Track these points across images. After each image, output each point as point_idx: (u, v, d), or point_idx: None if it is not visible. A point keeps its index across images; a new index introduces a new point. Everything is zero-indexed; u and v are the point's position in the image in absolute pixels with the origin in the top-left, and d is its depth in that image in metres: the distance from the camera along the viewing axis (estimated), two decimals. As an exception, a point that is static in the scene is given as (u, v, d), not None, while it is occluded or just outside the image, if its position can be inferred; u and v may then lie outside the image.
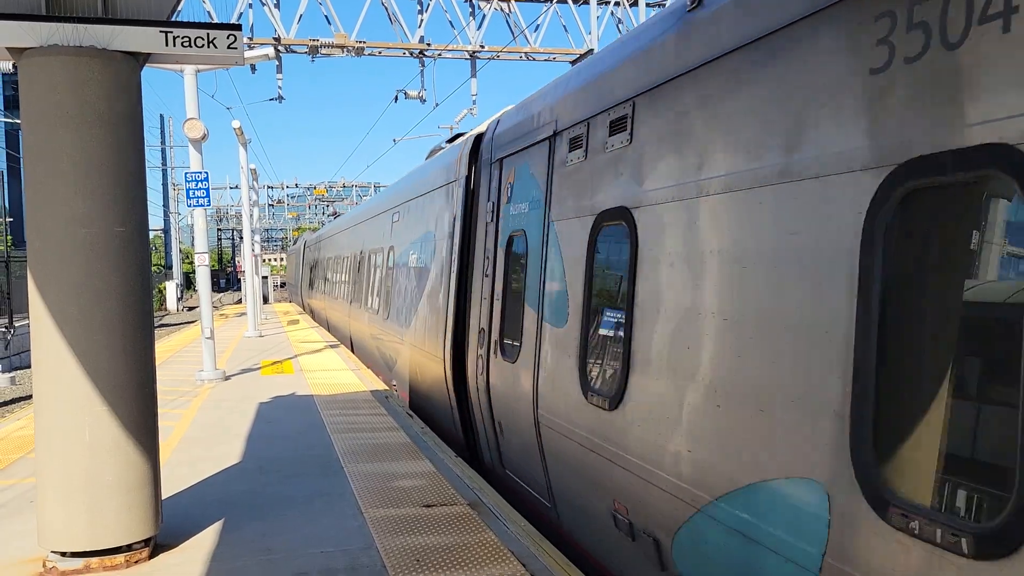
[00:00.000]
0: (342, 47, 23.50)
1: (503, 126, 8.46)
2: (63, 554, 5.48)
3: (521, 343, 7.33)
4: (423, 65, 25.10)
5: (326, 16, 23.67)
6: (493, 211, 8.65)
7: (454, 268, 9.81)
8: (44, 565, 5.52)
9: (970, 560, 2.74)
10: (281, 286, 74.89)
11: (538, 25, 25.49)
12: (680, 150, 4.71)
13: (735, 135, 4.16)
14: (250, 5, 23.26)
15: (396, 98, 25.96)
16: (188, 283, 72.02)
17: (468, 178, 9.68)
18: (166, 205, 76.66)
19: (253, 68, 22.25)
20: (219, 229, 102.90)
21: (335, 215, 61.01)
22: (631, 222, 5.27)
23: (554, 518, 6.92)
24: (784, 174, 3.75)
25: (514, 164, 7.91)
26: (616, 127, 5.58)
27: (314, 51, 23.38)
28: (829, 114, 3.50)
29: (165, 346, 22.37)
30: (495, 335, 8.17)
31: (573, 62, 25.09)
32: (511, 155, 7.98)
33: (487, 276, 8.49)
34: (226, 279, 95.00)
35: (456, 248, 9.82)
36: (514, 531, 6.18)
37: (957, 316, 2.98)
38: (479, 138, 9.67)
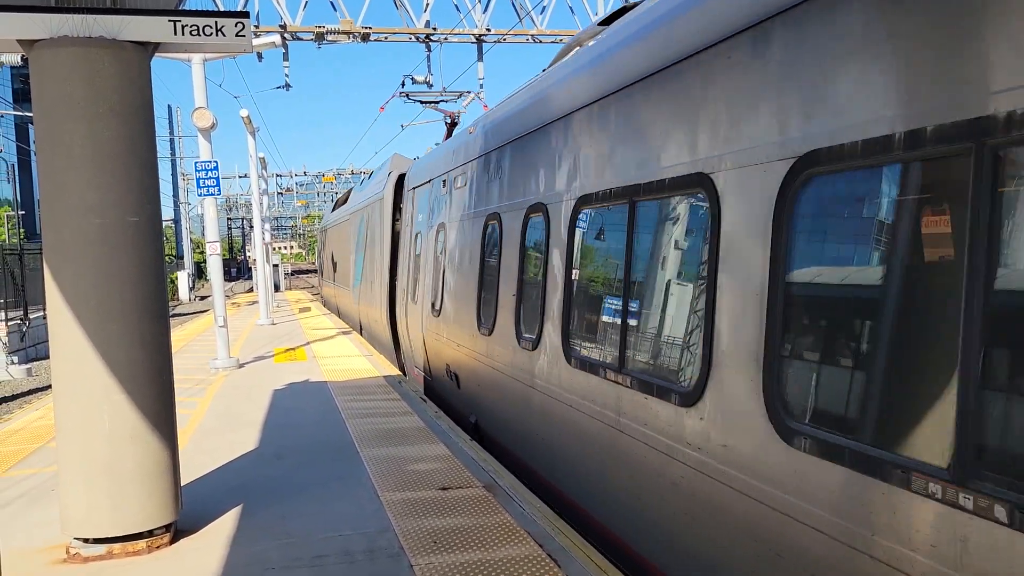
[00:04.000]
0: (348, 33, 23.44)
1: None
2: (86, 540, 5.56)
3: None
4: (429, 50, 25.02)
5: (331, 2, 23.61)
6: None
7: None
8: (67, 552, 5.60)
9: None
10: (293, 274, 74.52)
11: (544, 7, 25.36)
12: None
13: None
14: (255, -7, 23.22)
15: (403, 83, 25.86)
16: (200, 273, 72.29)
17: None
18: (176, 195, 76.87)
19: (260, 57, 22.27)
20: (229, 218, 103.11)
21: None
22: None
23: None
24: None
25: None
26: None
27: (320, 38, 23.34)
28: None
29: (179, 335, 22.51)
30: None
31: (580, 44, 24.92)
32: None
33: None
34: (237, 268, 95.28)
35: None
36: (530, 512, 6.23)
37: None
38: None
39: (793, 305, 3.88)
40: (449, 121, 18.40)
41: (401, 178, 16.40)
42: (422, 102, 20.72)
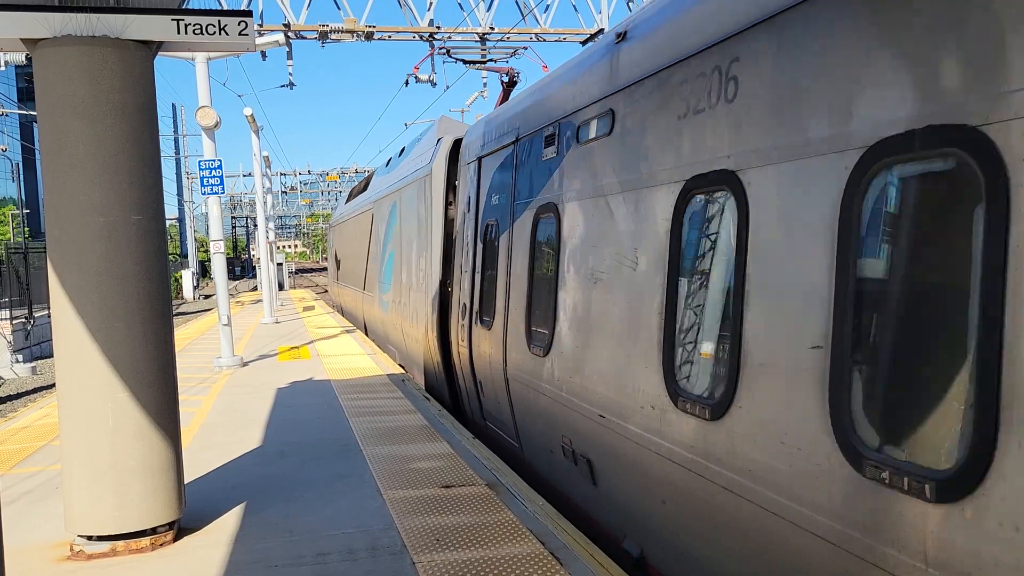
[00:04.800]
0: (352, 32, 23.44)
1: None
2: (89, 538, 5.58)
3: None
4: (433, 48, 25.00)
5: (335, 1, 23.61)
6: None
7: None
8: (71, 549, 5.62)
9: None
10: (296, 273, 74.56)
11: (548, 6, 25.33)
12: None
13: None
14: (259, -9, 23.29)
15: (407, 82, 25.86)
16: (204, 271, 72.40)
17: None
18: (180, 194, 77.07)
19: (264, 55, 22.29)
20: (233, 217, 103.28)
21: None
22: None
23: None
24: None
25: None
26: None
27: (324, 36, 23.33)
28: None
29: (183, 334, 22.55)
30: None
31: (584, 42, 24.95)
32: None
33: None
34: (241, 267, 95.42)
35: None
36: (532, 510, 6.23)
37: None
38: None
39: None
40: (506, 80, 14.10)
41: (456, 147, 11.69)
42: (465, 61, 17.27)
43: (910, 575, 3.05)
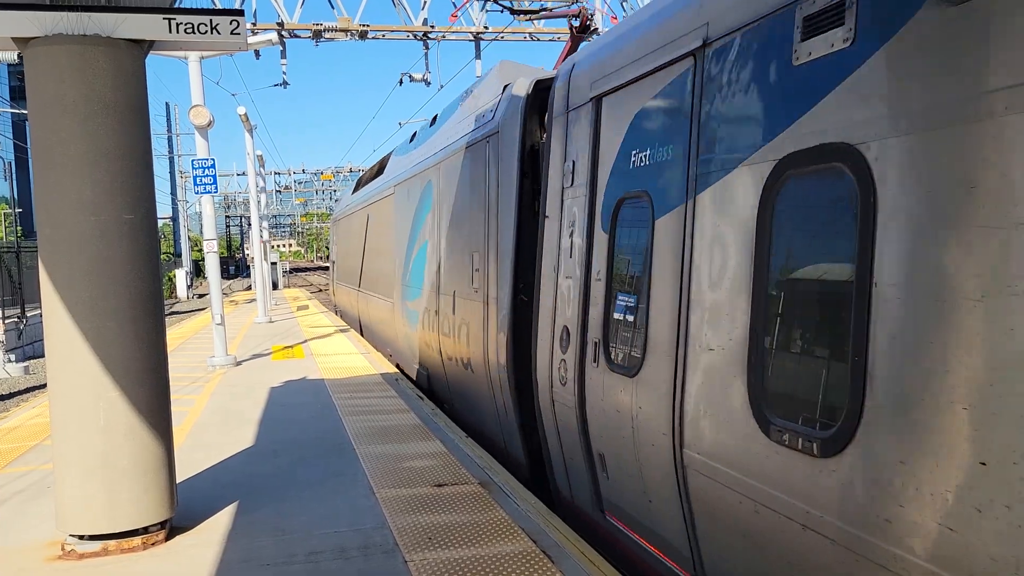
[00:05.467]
0: (345, 31, 23.43)
1: None
2: (81, 537, 5.58)
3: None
4: (427, 47, 25.01)
5: (329, 0, 23.59)
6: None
7: None
8: (63, 548, 5.62)
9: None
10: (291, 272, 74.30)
11: (542, 5, 25.34)
12: None
13: None
14: (253, -10, 23.21)
15: (401, 81, 25.87)
16: (197, 270, 72.18)
17: None
18: (174, 193, 76.90)
19: (257, 54, 22.24)
20: (227, 216, 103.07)
21: None
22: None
23: None
24: None
25: None
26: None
27: (318, 35, 23.32)
28: None
29: (176, 333, 22.51)
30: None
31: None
32: None
33: None
34: (235, 266, 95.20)
35: None
36: (524, 509, 6.25)
37: None
38: None
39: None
40: (577, 24, 10.00)
41: (540, 94, 7.98)
42: (513, 11, 13.84)
43: None
